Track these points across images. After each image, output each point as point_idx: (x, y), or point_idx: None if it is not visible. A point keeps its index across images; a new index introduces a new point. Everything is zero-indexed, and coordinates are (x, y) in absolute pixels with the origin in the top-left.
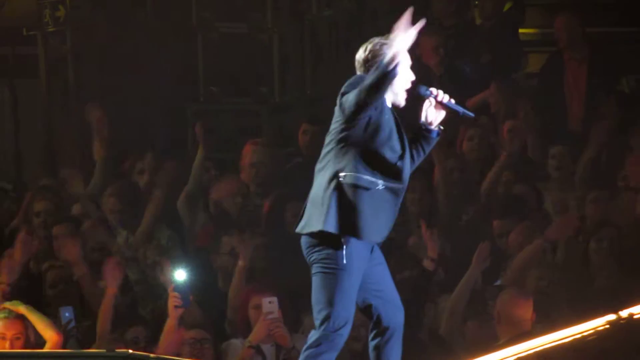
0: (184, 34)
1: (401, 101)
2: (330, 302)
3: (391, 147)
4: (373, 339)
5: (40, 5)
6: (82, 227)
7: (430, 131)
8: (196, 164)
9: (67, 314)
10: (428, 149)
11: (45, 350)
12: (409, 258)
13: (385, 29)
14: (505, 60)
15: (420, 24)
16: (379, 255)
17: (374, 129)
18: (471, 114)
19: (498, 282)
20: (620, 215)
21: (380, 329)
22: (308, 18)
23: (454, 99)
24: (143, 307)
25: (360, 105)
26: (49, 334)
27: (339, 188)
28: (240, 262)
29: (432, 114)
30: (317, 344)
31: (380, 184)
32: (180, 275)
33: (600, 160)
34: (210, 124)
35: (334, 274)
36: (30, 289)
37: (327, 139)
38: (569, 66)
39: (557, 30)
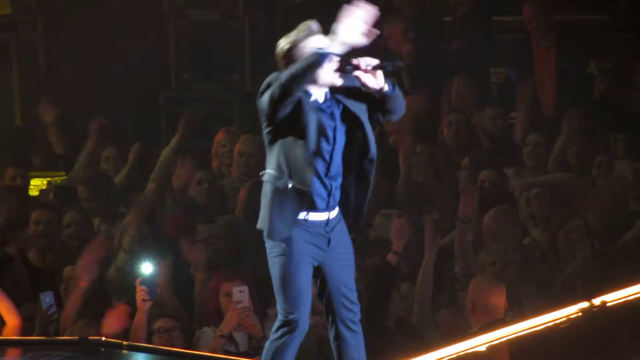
0: (156, 21)
1: (336, 81)
2: (281, 288)
3: (306, 145)
4: (330, 331)
5: None
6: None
7: (383, 92)
8: (166, 151)
9: (47, 299)
10: (396, 105)
11: (18, 337)
12: (373, 247)
13: None
14: (476, 48)
15: (365, 13)
16: (341, 255)
17: (292, 127)
18: (400, 63)
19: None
20: (595, 203)
21: (334, 324)
22: (279, 5)
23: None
24: (117, 297)
25: (275, 103)
26: (8, 318)
27: (265, 187)
28: (199, 275)
29: (370, 80)
30: (276, 329)
31: (290, 184)
32: (146, 268)
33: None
34: (182, 111)
35: (276, 261)
36: None
37: None
38: (538, 54)
39: (525, 18)
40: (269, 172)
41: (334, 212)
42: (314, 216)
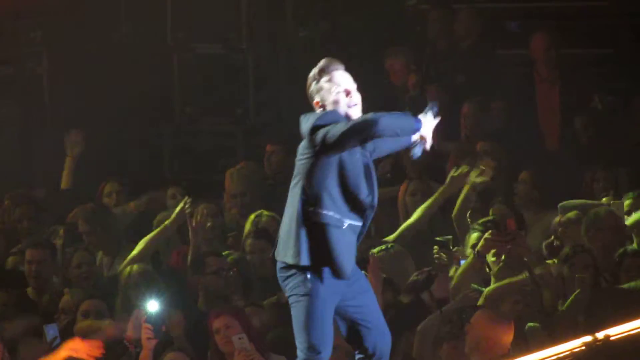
0: (160, 54)
1: (349, 112)
2: (306, 329)
3: (357, 187)
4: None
5: (15, 26)
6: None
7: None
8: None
9: (51, 332)
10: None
11: None
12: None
13: (360, 49)
14: (479, 81)
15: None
16: (362, 282)
17: (343, 167)
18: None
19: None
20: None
21: (367, 356)
22: (283, 38)
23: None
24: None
25: (343, 142)
26: None
27: (309, 222)
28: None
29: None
30: None
31: (346, 222)
32: (152, 306)
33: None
34: (186, 145)
35: (304, 300)
36: None
37: (295, 170)
38: (541, 87)
39: (533, 51)
40: (326, 213)
41: None
42: None
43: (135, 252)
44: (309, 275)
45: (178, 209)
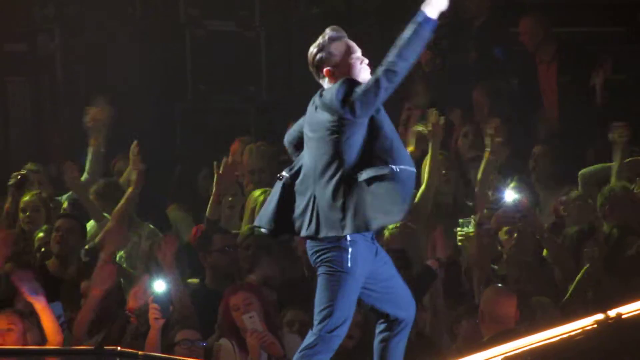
0: (172, 32)
1: (359, 76)
2: (331, 304)
3: (396, 139)
4: (382, 332)
5: (28, 3)
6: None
7: None
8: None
9: (55, 310)
10: None
11: (34, 347)
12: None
13: (374, 26)
14: (491, 60)
15: None
16: (383, 255)
17: (378, 126)
18: None
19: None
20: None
21: (391, 323)
22: (296, 16)
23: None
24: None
25: (375, 103)
26: (53, 336)
27: (357, 188)
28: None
29: None
30: (313, 344)
31: (398, 168)
32: (159, 286)
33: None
34: (198, 122)
35: (338, 276)
36: None
37: (320, 141)
38: (540, 68)
39: (522, 33)
40: (376, 168)
41: None
42: None
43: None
44: (349, 254)
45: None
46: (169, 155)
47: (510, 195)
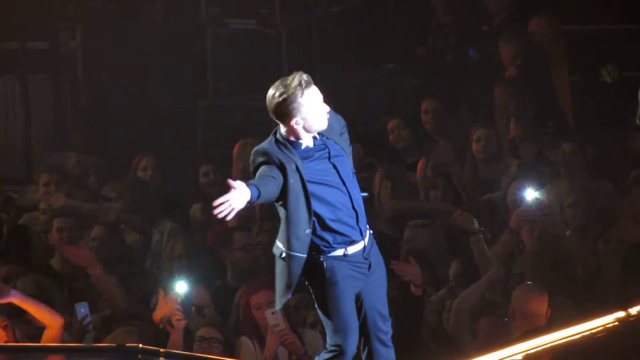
0: (194, 30)
1: (324, 126)
2: (329, 317)
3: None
4: (363, 351)
5: (50, 1)
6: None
7: None
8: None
9: (82, 310)
10: None
11: (56, 344)
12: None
13: (393, 24)
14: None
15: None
16: (379, 270)
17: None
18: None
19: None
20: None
21: (369, 342)
22: (317, 14)
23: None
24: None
25: None
26: (49, 319)
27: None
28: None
29: None
30: (328, 351)
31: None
32: (181, 287)
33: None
34: (219, 120)
35: (322, 291)
36: None
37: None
38: (552, 67)
39: (532, 33)
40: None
41: (367, 236)
42: (352, 249)
43: None
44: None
45: None
46: (190, 154)
47: (530, 193)
